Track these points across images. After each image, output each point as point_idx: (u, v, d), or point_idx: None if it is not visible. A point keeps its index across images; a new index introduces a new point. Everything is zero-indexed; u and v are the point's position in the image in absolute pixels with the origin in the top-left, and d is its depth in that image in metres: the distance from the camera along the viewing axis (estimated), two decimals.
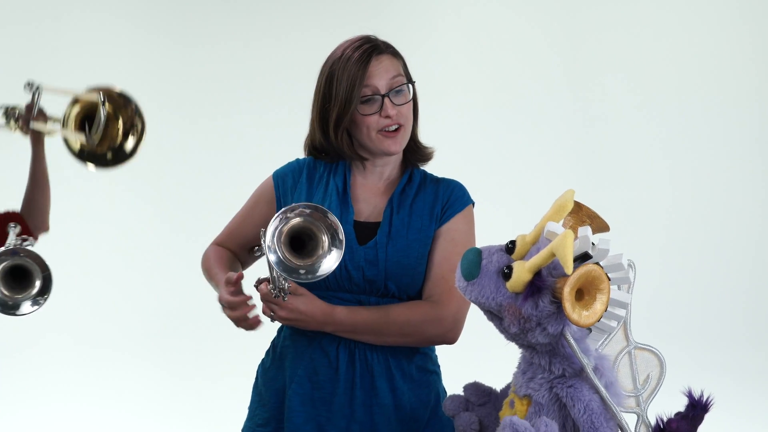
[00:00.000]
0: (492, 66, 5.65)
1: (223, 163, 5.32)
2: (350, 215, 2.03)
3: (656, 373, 1.59)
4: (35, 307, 2.24)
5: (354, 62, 1.97)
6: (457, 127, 5.53)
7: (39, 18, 5.13)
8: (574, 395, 1.53)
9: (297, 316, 1.95)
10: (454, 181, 2.11)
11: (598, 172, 5.65)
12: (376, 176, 2.09)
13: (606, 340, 1.63)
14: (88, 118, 2.50)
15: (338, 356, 2.00)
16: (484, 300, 1.53)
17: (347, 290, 2.00)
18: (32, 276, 2.22)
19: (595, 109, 5.70)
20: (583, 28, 5.71)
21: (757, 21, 5.53)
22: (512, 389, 1.65)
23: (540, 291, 1.48)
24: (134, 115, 2.52)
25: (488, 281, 1.52)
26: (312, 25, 5.45)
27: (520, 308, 1.50)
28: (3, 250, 2.20)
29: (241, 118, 5.39)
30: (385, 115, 1.98)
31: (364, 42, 2.01)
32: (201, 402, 4.70)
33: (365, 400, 2.00)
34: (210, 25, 5.51)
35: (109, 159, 2.54)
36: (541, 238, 1.53)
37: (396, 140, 2.01)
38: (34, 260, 2.22)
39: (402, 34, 5.53)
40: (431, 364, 2.09)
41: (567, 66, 5.71)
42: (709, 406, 1.60)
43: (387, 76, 1.99)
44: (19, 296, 2.21)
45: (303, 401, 2.01)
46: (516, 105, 5.66)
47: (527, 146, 5.67)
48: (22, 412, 4.67)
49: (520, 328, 1.52)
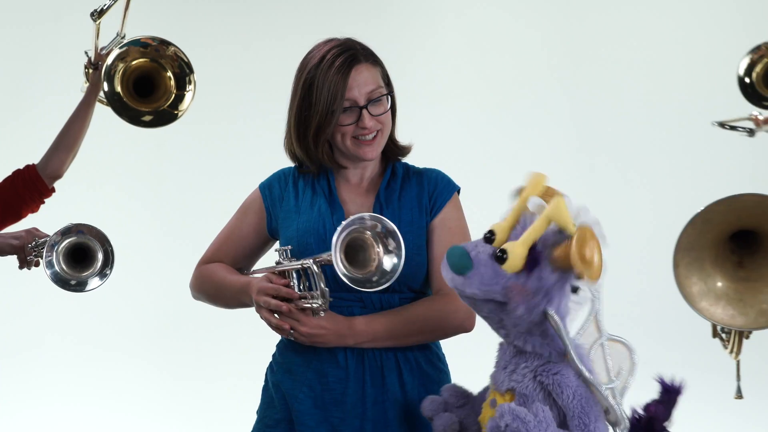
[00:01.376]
0: (492, 67, 5.64)
1: (223, 164, 5.32)
2: (341, 214, 2.03)
3: (627, 364, 1.61)
4: (103, 280, 2.27)
5: (335, 72, 1.97)
6: (457, 128, 5.53)
7: (39, 19, 5.13)
8: (561, 382, 1.54)
9: (320, 331, 1.95)
10: (434, 170, 2.12)
11: (599, 172, 5.65)
12: (358, 177, 2.10)
13: (579, 332, 1.64)
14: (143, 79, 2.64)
15: (347, 356, 2.00)
16: (487, 287, 1.53)
17: (346, 289, 1.97)
18: (93, 252, 2.24)
19: (595, 110, 5.69)
20: (582, 29, 5.71)
21: (757, 21, 5.53)
22: (491, 389, 1.66)
23: (539, 263, 1.51)
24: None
25: (485, 269, 1.53)
26: (313, 28, 5.43)
27: (525, 285, 1.51)
28: (61, 230, 2.25)
29: (241, 121, 5.39)
30: (362, 126, 1.99)
31: (344, 49, 2.00)
32: (201, 402, 4.70)
33: (377, 397, 2.00)
34: (210, 27, 5.51)
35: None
36: (523, 216, 1.56)
37: (372, 147, 2.02)
38: (94, 235, 2.26)
39: (403, 36, 5.57)
40: (438, 361, 2.09)
41: (567, 66, 5.70)
42: (681, 388, 1.62)
43: (366, 88, 1.99)
44: (85, 273, 2.25)
45: (315, 404, 2.00)
46: (516, 106, 5.66)
47: (528, 146, 5.67)
48: (23, 412, 4.67)
49: (527, 307, 1.52)
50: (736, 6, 5.56)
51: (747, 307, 1.62)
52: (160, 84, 2.61)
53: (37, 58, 5.12)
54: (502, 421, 1.47)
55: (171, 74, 2.60)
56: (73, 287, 2.22)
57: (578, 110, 5.69)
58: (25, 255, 2.37)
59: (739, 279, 1.64)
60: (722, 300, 1.65)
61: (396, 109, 2.09)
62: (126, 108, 2.56)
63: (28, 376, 4.93)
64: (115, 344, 5.12)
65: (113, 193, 5.16)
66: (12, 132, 4.96)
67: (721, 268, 1.65)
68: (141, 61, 2.59)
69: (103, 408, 4.74)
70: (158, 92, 2.61)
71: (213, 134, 5.36)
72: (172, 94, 2.61)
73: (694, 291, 1.67)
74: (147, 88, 2.61)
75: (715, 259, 1.65)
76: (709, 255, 1.64)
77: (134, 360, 5.07)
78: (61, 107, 2.60)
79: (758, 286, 1.62)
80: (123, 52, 2.55)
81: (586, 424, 1.52)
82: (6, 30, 5.15)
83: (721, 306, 1.65)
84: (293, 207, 2.09)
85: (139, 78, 2.59)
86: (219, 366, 4.98)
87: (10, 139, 4.86)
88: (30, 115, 4.83)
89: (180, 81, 2.61)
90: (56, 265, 2.18)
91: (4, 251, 2.38)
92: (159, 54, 2.60)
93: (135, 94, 2.59)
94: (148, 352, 5.11)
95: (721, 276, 1.64)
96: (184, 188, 5.37)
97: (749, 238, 1.63)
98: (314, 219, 2.04)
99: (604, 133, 5.67)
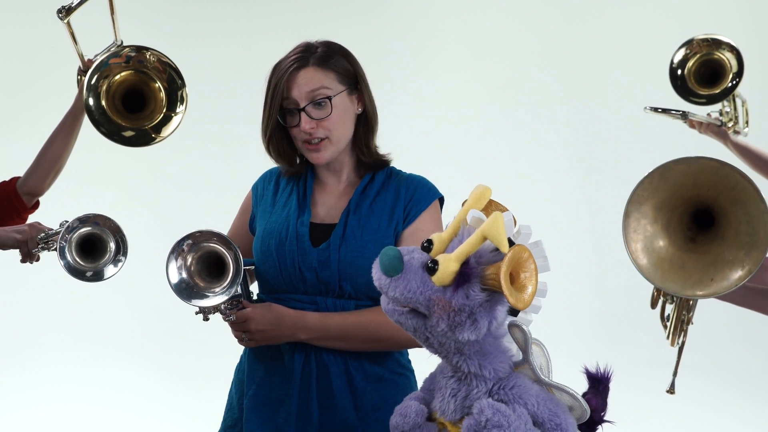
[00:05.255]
0: (491, 70, 5.65)
1: (223, 164, 5.33)
2: (306, 217, 2.03)
3: (544, 362, 1.58)
4: (118, 266, 2.25)
5: (281, 72, 1.99)
6: (455, 130, 5.54)
7: (39, 19, 5.13)
8: (522, 393, 1.50)
9: (265, 327, 1.96)
10: (417, 177, 2.09)
11: (599, 173, 5.65)
12: (335, 178, 2.09)
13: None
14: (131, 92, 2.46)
15: (293, 358, 2.00)
16: (411, 295, 1.46)
17: (302, 292, 1.99)
18: (105, 242, 2.24)
19: (596, 110, 5.70)
20: (581, 34, 5.71)
21: (756, 21, 5.54)
22: (438, 419, 1.58)
23: (469, 280, 1.43)
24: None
25: (413, 276, 1.46)
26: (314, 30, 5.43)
27: (450, 300, 1.44)
28: (80, 217, 2.22)
29: (242, 122, 5.38)
30: (302, 128, 1.98)
31: (300, 51, 2.01)
32: (201, 402, 4.69)
33: (322, 402, 1.99)
34: (210, 27, 5.51)
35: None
36: (462, 228, 1.49)
37: (319, 153, 2.01)
38: (108, 227, 2.24)
39: (403, 36, 5.56)
40: (398, 366, 2.06)
41: (565, 70, 5.71)
42: (609, 375, 1.58)
43: (306, 88, 1.97)
44: (99, 263, 2.24)
45: (262, 402, 2.01)
46: (516, 107, 5.66)
47: (527, 147, 5.67)
48: (23, 412, 4.68)
49: (449, 324, 1.45)
50: (736, 6, 5.57)
51: (686, 275, 1.61)
52: (150, 98, 2.44)
53: (37, 58, 5.12)
54: (482, 416, 1.43)
55: (160, 86, 2.44)
56: (89, 278, 2.21)
57: (576, 114, 5.70)
58: (28, 249, 2.35)
59: (687, 249, 1.63)
60: (664, 263, 1.64)
61: (371, 120, 2.06)
62: (108, 121, 2.38)
63: (28, 375, 4.94)
64: (115, 343, 5.13)
65: (113, 194, 5.17)
66: (12, 132, 4.97)
67: (672, 233, 1.64)
68: (126, 74, 2.42)
69: (102, 407, 4.74)
70: (148, 107, 2.44)
71: (213, 135, 5.36)
72: (161, 113, 2.44)
73: (638, 247, 1.66)
74: (137, 102, 2.43)
75: (668, 223, 1.63)
76: (662, 216, 1.63)
77: (134, 359, 5.08)
78: (61, 108, 2.58)
79: (703, 259, 1.61)
80: (106, 70, 2.39)
81: (558, 423, 1.49)
82: (6, 30, 5.16)
83: (663, 269, 1.64)
84: (269, 206, 2.10)
85: (127, 92, 2.43)
86: (219, 366, 4.98)
87: (10, 139, 4.87)
88: (30, 115, 4.84)
89: (172, 95, 2.44)
90: (68, 256, 2.18)
91: (6, 245, 2.35)
92: (142, 64, 2.42)
93: (124, 109, 2.41)
94: (148, 352, 5.12)
95: (669, 240, 1.63)
96: (185, 188, 5.38)
97: (707, 219, 1.62)
98: (281, 221, 2.04)
99: (601, 137, 5.68)
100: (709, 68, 3.12)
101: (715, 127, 3.11)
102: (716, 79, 3.10)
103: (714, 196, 1.59)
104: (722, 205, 1.59)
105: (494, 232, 1.39)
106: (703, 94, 3.12)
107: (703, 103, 3.13)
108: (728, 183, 1.57)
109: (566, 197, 5.59)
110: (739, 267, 1.57)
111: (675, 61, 3.15)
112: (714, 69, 3.12)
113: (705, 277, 1.60)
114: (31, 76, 5.10)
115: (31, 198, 2.58)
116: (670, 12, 5.60)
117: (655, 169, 1.64)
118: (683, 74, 3.14)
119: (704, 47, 3.12)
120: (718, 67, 3.11)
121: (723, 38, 3.12)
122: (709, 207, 1.62)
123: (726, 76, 3.09)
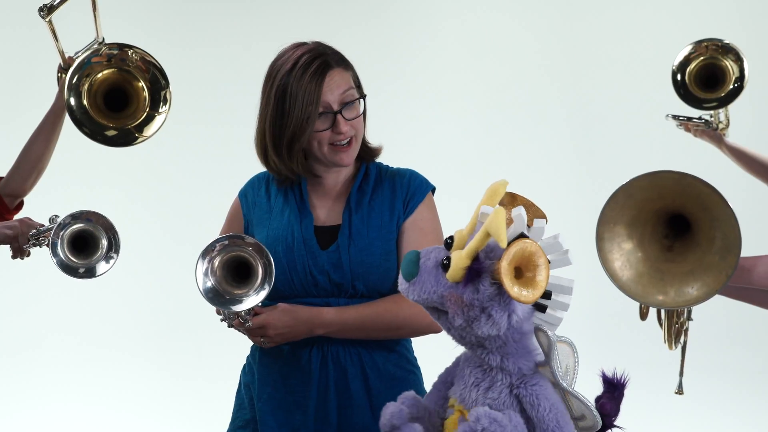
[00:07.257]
0: (490, 69, 5.65)
1: (223, 165, 5.32)
2: (309, 221, 2.03)
3: (572, 363, 1.59)
4: (110, 263, 2.24)
5: (309, 78, 1.94)
6: (455, 129, 5.54)
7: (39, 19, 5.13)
8: (540, 394, 1.51)
9: (283, 330, 1.96)
10: (408, 171, 2.11)
11: (599, 173, 5.65)
12: (332, 180, 2.09)
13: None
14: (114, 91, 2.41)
15: (310, 359, 2.00)
16: (427, 295, 1.50)
17: (314, 295, 2.00)
18: (96, 239, 2.23)
19: (596, 110, 5.70)
20: (581, 34, 5.71)
21: (757, 21, 5.54)
22: (456, 407, 1.61)
23: (479, 275, 1.47)
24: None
25: (428, 276, 1.50)
26: (314, 30, 5.42)
27: (461, 295, 1.47)
28: (72, 213, 2.21)
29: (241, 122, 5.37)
30: (337, 131, 1.97)
31: (316, 55, 1.98)
32: (201, 402, 4.70)
33: (340, 402, 2.00)
34: (211, 27, 5.51)
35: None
36: (478, 224, 1.52)
37: (348, 153, 2.01)
38: (101, 224, 2.23)
39: (403, 36, 5.56)
40: (408, 364, 2.08)
41: (565, 69, 5.71)
42: (625, 381, 1.59)
43: (338, 91, 1.97)
44: (91, 259, 2.23)
45: (279, 405, 2.01)
46: (516, 107, 5.67)
47: (527, 147, 5.67)
48: (23, 412, 4.68)
49: (465, 318, 1.49)
50: (735, 6, 5.57)
51: (667, 286, 1.61)
52: (132, 96, 2.39)
53: (37, 58, 5.12)
54: (478, 424, 1.45)
55: (143, 85, 2.39)
56: (82, 275, 2.20)
57: (576, 114, 5.70)
58: (19, 244, 2.34)
59: (665, 260, 1.63)
60: (644, 277, 1.64)
61: (367, 113, 2.07)
62: (90, 121, 2.34)
63: (29, 375, 4.94)
64: (115, 344, 5.13)
65: (113, 194, 5.17)
66: (12, 132, 4.96)
67: (647, 247, 1.63)
68: (108, 73, 2.38)
69: (103, 407, 4.74)
70: (131, 107, 2.39)
71: (213, 135, 5.37)
72: (144, 112, 2.39)
73: (616, 266, 1.66)
74: (119, 101, 2.39)
75: (641, 237, 1.63)
76: (635, 232, 1.63)
77: (134, 359, 5.08)
78: None
79: (681, 268, 1.60)
80: (87, 69, 2.36)
81: None
82: (6, 30, 5.16)
83: (642, 283, 1.64)
84: (265, 212, 2.09)
85: (109, 91, 2.38)
86: (219, 366, 4.98)
87: (10, 139, 4.86)
88: (30, 115, 4.82)
89: (155, 95, 2.40)
90: (61, 253, 2.17)
91: None
92: (125, 63, 2.38)
93: (106, 108, 2.37)
94: (148, 352, 5.12)
95: (645, 254, 1.63)
96: (185, 189, 5.38)
97: (684, 224, 1.62)
98: (283, 227, 2.04)
99: (601, 137, 5.68)
100: (709, 71, 3.12)
101: (711, 131, 3.10)
102: (715, 83, 3.09)
103: (682, 204, 1.60)
104: (692, 212, 1.59)
105: (494, 228, 1.42)
106: (712, 98, 3.10)
107: (714, 107, 3.11)
108: (692, 192, 1.58)
109: (566, 197, 5.58)
110: (716, 272, 1.57)
111: (676, 64, 3.14)
112: (713, 73, 3.11)
113: (685, 286, 1.60)
114: (31, 75, 5.10)
115: (14, 199, 2.55)
116: (670, 12, 5.60)
117: (619, 189, 1.64)
118: (683, 79, 3.13)
119: (711, 50, 3.11)
120: (719, 71, 3.10)
121: (733, 45, 3.11)
122: (681, 214, 1.62)
123: (727, 81, 3.08)
